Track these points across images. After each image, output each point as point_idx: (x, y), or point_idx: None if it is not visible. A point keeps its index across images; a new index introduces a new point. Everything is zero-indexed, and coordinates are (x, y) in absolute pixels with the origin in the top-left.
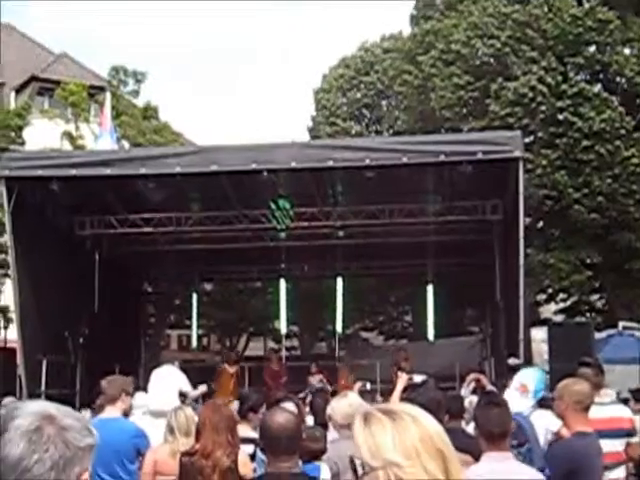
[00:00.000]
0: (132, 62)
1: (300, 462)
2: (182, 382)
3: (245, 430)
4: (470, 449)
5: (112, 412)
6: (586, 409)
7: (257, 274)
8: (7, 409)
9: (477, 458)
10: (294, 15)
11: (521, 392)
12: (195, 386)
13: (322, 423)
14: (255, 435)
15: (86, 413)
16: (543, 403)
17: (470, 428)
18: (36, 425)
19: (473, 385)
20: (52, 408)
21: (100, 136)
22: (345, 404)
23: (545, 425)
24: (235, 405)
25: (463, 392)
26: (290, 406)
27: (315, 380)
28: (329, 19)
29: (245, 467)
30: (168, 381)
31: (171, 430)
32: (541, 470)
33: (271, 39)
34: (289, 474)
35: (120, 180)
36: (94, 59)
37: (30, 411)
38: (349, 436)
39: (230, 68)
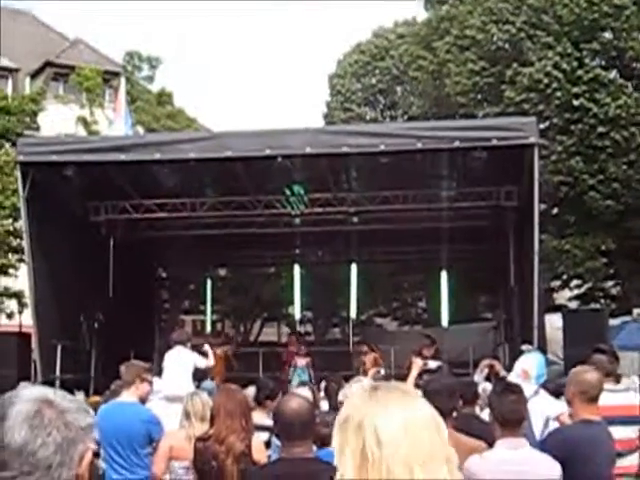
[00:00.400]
0: (146, 47)
1: (314, 447)
2: (194, 360)
3: (261, 417)
4: (484, 435)
5: (127, 397)
6: (592, 399)
7: (271, 259)
8: (4, 397)
9: (491, 444)
10: (309, 1)
11: (523, 377)
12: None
13: (336, 407)
14: (271, 422)
15: (80, 395)
16: (548, 388)
17: (484, 414)
18: (35, 410)
19: (487, 371)
20: (49, 392)
21: (113, 122)
22: (356, 389)
23: (543, 411)
24: (251, 391)
25: (476, 378)
26: (304, 391)
27: (303, 362)
28: (343, 4)
29: (259, 453)
30: (180, 364)
31: (187, 415)
32: None
33: (286, 24)
34: (302, 459)
35: (134, 165)
36: (109, 45)
37: (28, 397)
38: None
39: (244, 53)
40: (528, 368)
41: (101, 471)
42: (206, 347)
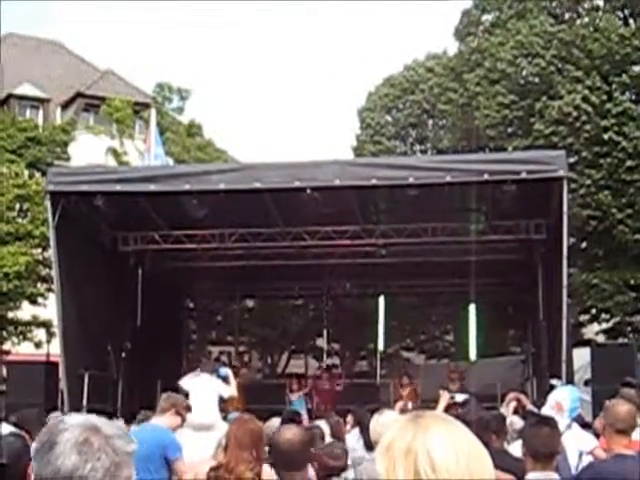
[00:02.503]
0: (177, 79)
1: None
2: (219, 389)
3: None
4: (512, 469)
5: (155, 421)
6: (624, 431)
7: (299, 291)
8: (52, 424)
9: (520, 479)
10: (339, 34)
11: (556, 410)
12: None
13: (369, 438)
14: None
15: (120, 422)
16: (580, 422)
17: (511, 448)
18: (84, 437)
19: (514, 405)
20: (95, 419)
21: (145, 154)
22: (374, 421)
23: (578, 446)
24: (275, 422)
25: (502, 411)
26: (322, 425)
27: (295, 397)
28: (374, 38)
29: None
30: (206, 393)
31: (218, 446)
32: None
33: (316, 57)
34: None
35: (164, 196)
36: (139, 76)
37: (75, 424)
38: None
39: (275, 86)
40: (562, 401)
41: None
42: (228, 372)
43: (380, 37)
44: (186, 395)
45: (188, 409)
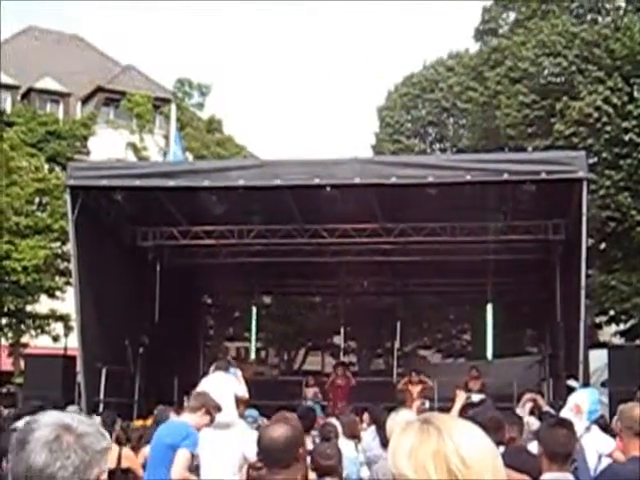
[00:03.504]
0: (197, 75)
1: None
2: (235, 388)
3: None
4: (528, 468)
5: (184, 419)
6: (639, 435)
7: (316, 289)
8: (24, 423)
9: (535, 478)
10: (361, 32)
11: (575, 412)
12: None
13: (385, 437)
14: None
15: (97, 419)
16: (600, 424)
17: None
18: (55, 435)
19: (530, 405)
20: (67, 418)
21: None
22: (391, 420)
23: (597, 448)
24: None
25: (519, 412)
26: (333, 422)
27: (310, 393)
28: (394, 36)
29: None
30: (222, 391)
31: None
32: None
33: (336, 55)
34: None
35: (183, 192)
36: (160, 71)
37: (47, 422)
38: None
39: (295, 83)
40: (581, 403)
41: None
42: (237, 371)
43: (401, 36)
44: None
45: (218, 409)
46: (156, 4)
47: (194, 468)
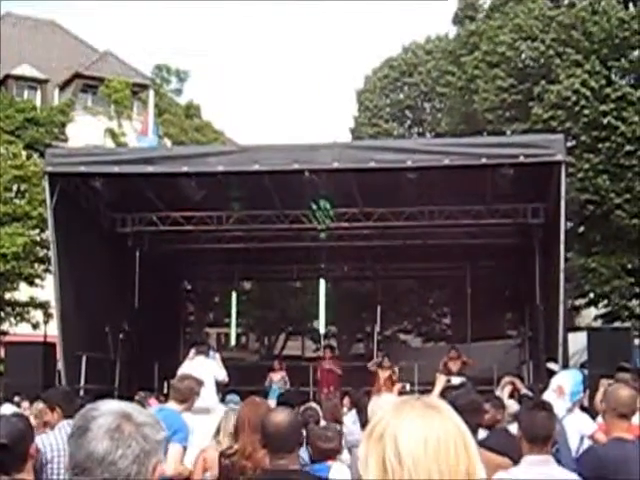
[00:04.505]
0: (175, 61)
1: (304, 460)
2: (215, 372)
3: None
4: (508, 450)
5: (172, 406)
6: (623, 416)
7: (297, 274)
8: (86, 409)
9: (516, 460)
10: (338, 16)
11: (558, 394)
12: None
13: (366, 422)
14: None
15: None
16: (581, 406)
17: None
18: (117, 424)
19: (509, 389)
20: (128, 407)
21: (140, 135)
22: (373, 404)
23: (579, 429)
24: (272, 402)
25: (498, 395)
26: (314, 406)
27: (277, 377)
28: (372, 20)
29: None
30: (202, 376)
31: (217, 432)
32: None
33: (315, 39)
34: (287, 471)
35: (162, 178)
36: (138, 57)
37: (109, 410)
38: None
39: (273, 68)
40: (563, 385)
41: None
42: (217, 355)
43: (379, 19)
44: None
45: (201, 384)
46: None
47: None
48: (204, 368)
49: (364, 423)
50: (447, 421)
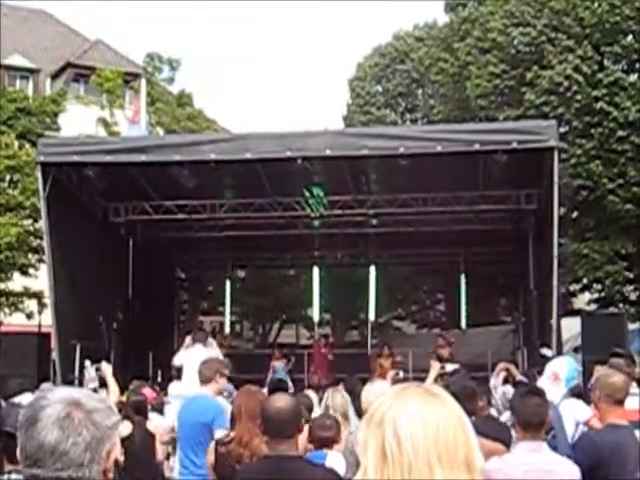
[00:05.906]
0: (167, 49)
1: (305, 447)
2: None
3: None
4: (500, 436)
5: (205, 391)
6: (618, 402)
7: (290, 261)
8: (34, 400)
9: (508, 446)
10: (329, 4)
11: (553, 380)
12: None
13: (360, 408)
14: None
15: (103, 393)
16: (576, 392)
17: (503, 417)
18: (66, 412)
19: (504, 375)
20: (76, 393)
21: (132, 123)
22: (367, 391)
23: (574, 415)
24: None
25: (493, 382)
26: (309, 393)
27: (279, 365)
28: (364, 7)
29: None
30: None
31: (327, 408)
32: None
33: (306, 27)
34: (287, 457)
35: (154, 167)
36: (129, 46)
37: (57, 399)
38: None
39: (265, 56)
40: (558, 371)
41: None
42: (213, 343)
43: (371, 7)
44: (178, 370)
45: (227, 366)
46: None
47: (170, 441)
48: (201, 356)
49: (358, 410)
50: (447, 408)
